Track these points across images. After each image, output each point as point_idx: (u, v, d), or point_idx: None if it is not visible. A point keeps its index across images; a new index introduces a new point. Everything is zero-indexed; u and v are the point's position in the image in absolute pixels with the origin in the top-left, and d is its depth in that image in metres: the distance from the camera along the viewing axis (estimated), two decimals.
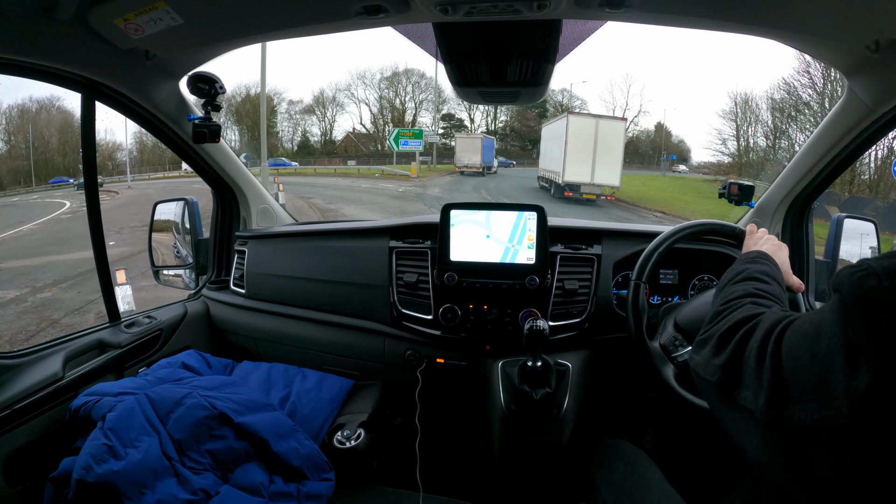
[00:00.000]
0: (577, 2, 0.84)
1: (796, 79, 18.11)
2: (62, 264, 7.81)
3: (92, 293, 4.87)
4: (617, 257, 1.33)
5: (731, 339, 0.56)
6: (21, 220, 13.31)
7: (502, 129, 35.22)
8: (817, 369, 0.40)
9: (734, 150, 26.34)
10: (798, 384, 0.42)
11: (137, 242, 8.52)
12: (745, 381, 0.50)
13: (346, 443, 1.15)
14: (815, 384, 0.40)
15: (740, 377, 0.52)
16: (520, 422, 1.20)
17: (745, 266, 0.79)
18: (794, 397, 0.42)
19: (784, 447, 0.43)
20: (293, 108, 33.84)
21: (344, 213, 12.13)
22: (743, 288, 0.70)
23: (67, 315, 5.46)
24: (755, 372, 0.49)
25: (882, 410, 0.35)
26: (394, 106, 33.86)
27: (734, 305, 0.65)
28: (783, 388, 0.44)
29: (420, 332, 1.35)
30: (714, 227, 1.15)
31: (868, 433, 0.36)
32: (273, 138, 32.60)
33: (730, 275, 0.78)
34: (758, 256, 0.83)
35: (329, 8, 0.92)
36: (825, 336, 0.41)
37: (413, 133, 18.44)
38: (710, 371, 0.57)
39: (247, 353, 1.55)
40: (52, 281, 6.92)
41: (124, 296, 3.82)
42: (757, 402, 0.47)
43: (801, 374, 0.42)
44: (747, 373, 0.51)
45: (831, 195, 12.01)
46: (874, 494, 0.37)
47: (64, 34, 0.92)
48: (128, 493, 0.85)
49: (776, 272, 0.79)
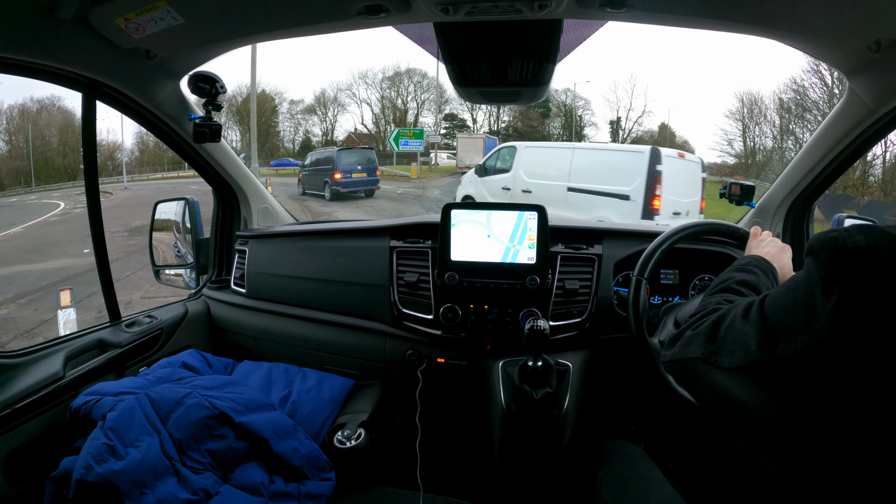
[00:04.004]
0: (577, 2, 0.85)
1: (805, 78, 18.04)
2: (30, 275, 7.23)
3: (48, 312, 4.42)
4: (618, 257, 1.33)
5: (707, 321, 0.62)
6: (13, 222, 12.77)
7: (505, 129, 35.19)
8: (801, 305, 0.48)
9: (740, 150, 26.26)
10: (786, 324, 0.49)
11: (113, 250, 7.87)
12: (728, 347, 0.56)
13: (346, 442, 1.15)
14: (801, 317, 0.47)
15: (720, 346, 0.57)
16: (520, 421, 1.20)
17: (731, 275, 0.80)
18: (784, 335, 0.49)
19: (776, 380, 0.49)
20: (294, 108, 33.80)
21: (337, 217, 11.04)
22: (715, 301, 0.72)
23: (16, 338, 4.93)
24: (741, 331, 0.55)
25: (851, 322, 0.43)
26: (395, 106, 33.83)
27: (705, 311, 0.68)
28: (771, 333, 0.50)
29: (420, 331, 1.35)
30: (716, 228, 1.14)
31: (844, 344, 0.44)
32: (274, 138, 32.58)
33: (714, 283, 0.80)
34: (748, 264, 0.83)
35: (330, 8, 0.92)
36: (803, 282, 0.49)
37: (413, 133, 18.41)
38: (691, 350, 0.62)
39: (247, 353, 1.55)
40: (12, 295, 6.30)
41: (66, 321, 3.43)
42: (748, 349, 0.52)
43: (787, 316, 0.50)
44: (728, 339, 0.57)
45: (850, 199, 11.80)
46: (857, 407, 0.44)
47: (65, 33, 0.92)
48: (128, 493, 0.85)
49: (764, 280, 0.79)
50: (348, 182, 12.37)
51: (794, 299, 0.50)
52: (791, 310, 0.49)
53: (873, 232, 0.45)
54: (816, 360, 0.45)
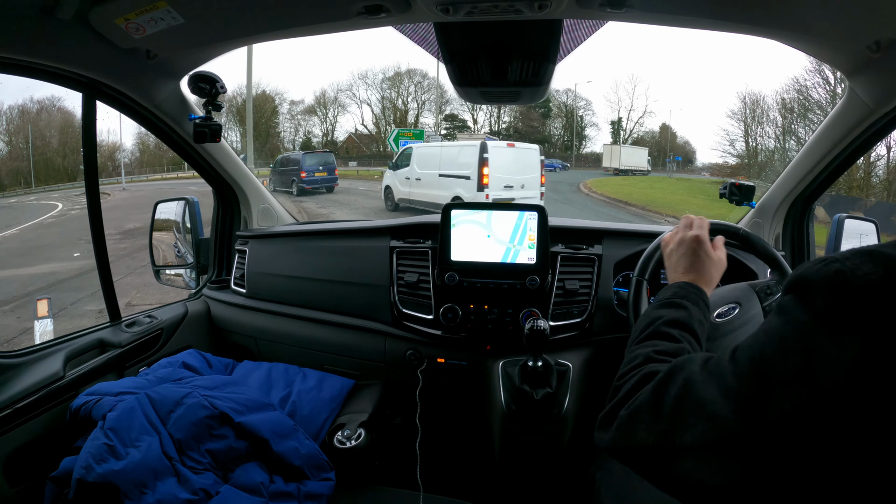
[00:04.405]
0: (577, 2, 0.85)
1: (808, 78, 17.98)
2: (16, 280, 7.02)
3: (30, 320, 4.08)
4: (618, 257, 1.33)
5: (645, 392, 0.51)
6: (9, 223, 12.56)
7: (506, 129, 35.16)
8: (796, 358, 0.39)
9: (742, 150, 26.20)
10: (775, 382, 0.40)
11: None
12: (685, 421, 0.45)
13: (346, 442, 1.15)
14: (798, 371, 0.38)
15: (673, 421, 0.46)
16: (520, 422, 1.20)
17: (656, 314, 0.69)
18: (775, 397, 0.39)
19: (760, 454, 0.41)
20: (295, 109, 33.82)
21: (335, 218, 11.46)
22: (644, 354, 0.62)
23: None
24: (702, 397, 0.44)
25: (879, 372, 0.35)
26: (396, 106, 33.82)
27: (635, 374, 0.57)
28: (753, 396, 0.41)
29: (421, 331, 1.35)
30: (714, 227, 1.14)
31: (870, 398, 0.35)
32: (275, 139, 32.59)
33: (637, 327, 0.70)
34: (674, 296, 0.72)
35: (330, 8, 0.92)
36: (792, 328, 0.40)
37: (414, 133, 18.39)
38: (638, 436, 0.49)
39: (247, 353, 1.55)
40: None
41: (43, 332, 3.16)
42: (716, 420, 0.42)
43: (776, 372, 0.40)
44: (684, 410, 0.46)
45: (857, 201, 11.67)
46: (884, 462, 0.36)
47: (65, 34, 0.92)
48: (128, 493, 0.85)
49: (696, 313, 0.69)
50: (312, 180, 14.39)
51: (782, 351, 0.40)
52: (781, 364, 0.40)
53: (881, 257, 0.37)
54: (824, 419, 0.37)
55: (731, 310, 0.94)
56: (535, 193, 9.22)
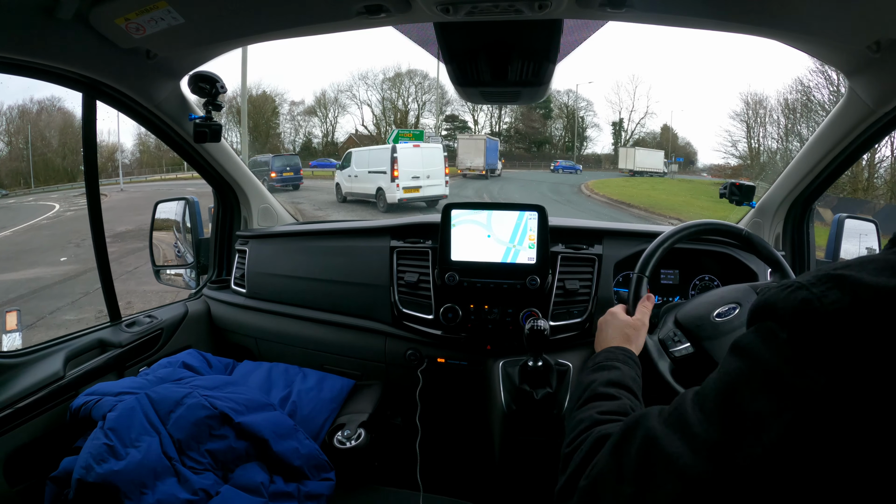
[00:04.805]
0: (578, 2, 0.85)
1: (811, 79, 17.92)
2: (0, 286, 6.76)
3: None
4: (618, 257, 1.33)
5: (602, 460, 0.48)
6: (4, 225, 12.20)
7: (507, 130, 35.14)
8: (763, 392, 0.38)
9: (744, 151, 26.19)
10: (739, 420, 0.38)
11: (89, 260, 7.30)
12: (652, 480, 0.42)
13: (346, 443, 1.15)
14: (765, 405, 0.37)
15: (639, 482, 0.43)
16: (520, 422, 1.20)
17: (591, 378, 0.71)
18: (747, 431, 0.38)
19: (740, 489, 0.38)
20: (295, 110, 33.82)
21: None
22: (589, 418, 0.61)
23: None
24: (666, 452, 0.42)
25: (848, 401, 0.34)
26: (396, 107, 33.82)
27: (584, 439, 0.56)
28: (720, 437, 0.39)
29: (421, 331, 1.35)
30: (717, 228, 1.14)
31: (840, 429, 0.34)
32: (275, 139, 32.58)
33: (575, 395, 0.70)
34: (604, 360, 0.75)
35: (330, 8, 0.92)
36: (755, 361, 0.39)
37: (413, 134, 18.40)
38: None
39: (247, 353, 1.55)
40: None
41: (10, 347, 2.87)
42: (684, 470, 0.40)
43: (738, 409, 0.39)
44: (648, 468, 0.43)
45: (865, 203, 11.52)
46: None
47: (65, 33, 0.92)
48: (128, 493, 0.85)
49: (627, 371, 0.72)
50: (281, 179, 16.67)
51: (750, 392, 0.39)
52: (749, 405, 0.38)
53: (847, 284, 0.36)
54: (797, 457, 0.36)
55: (731, 310, 0.94)
56: (440, 182, 12.10)
